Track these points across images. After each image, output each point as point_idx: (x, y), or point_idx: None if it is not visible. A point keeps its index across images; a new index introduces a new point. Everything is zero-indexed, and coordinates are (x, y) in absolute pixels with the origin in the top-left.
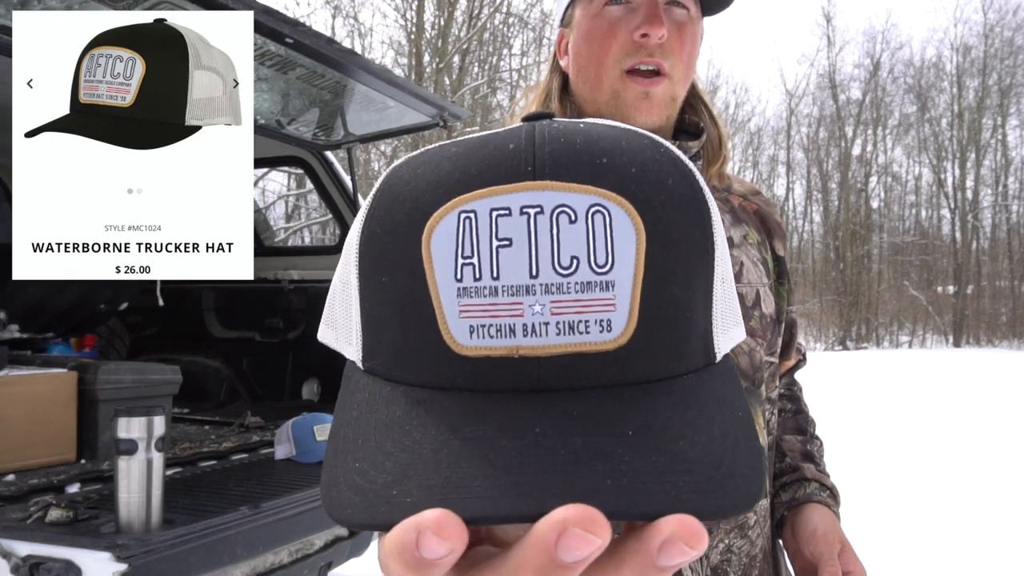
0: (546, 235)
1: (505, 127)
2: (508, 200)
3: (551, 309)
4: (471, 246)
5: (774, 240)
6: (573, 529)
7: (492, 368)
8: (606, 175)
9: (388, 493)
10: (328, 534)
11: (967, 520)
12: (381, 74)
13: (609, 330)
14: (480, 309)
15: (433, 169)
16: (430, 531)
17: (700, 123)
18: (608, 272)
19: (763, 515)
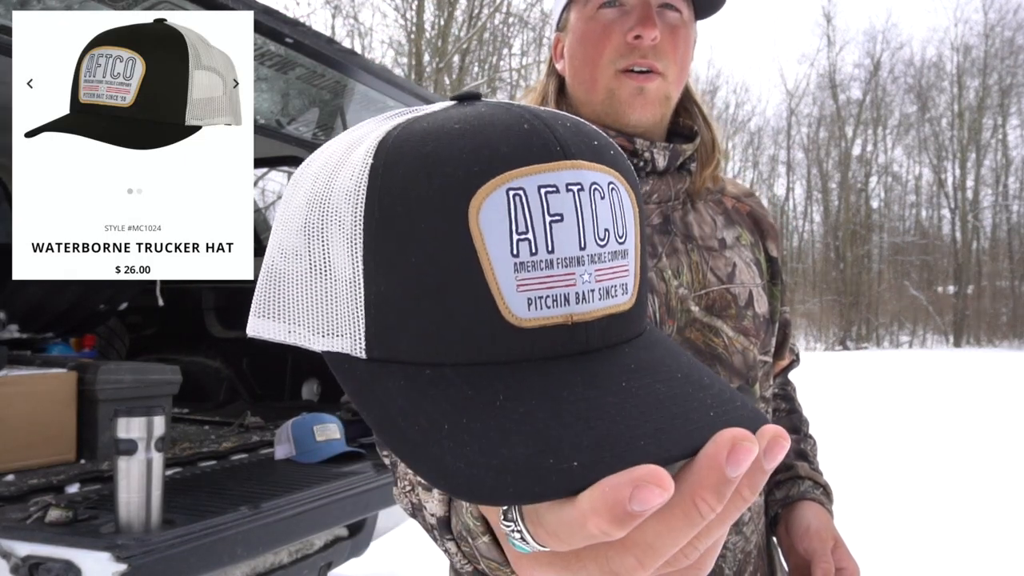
0: (588, 210)
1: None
2: (554, 178)
3: (596, 277)
4: (525, 222)
5: (767, 241)
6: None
7: (548, 336)
8: (604, 154)
9: (545, 462)
10: (328, 534)
11: (966, 520)
12: (381, 74)
13: (626, 293)
14: (537, 281)
15: (449, 146)
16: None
17: (694, 126)
18: (625, 241)
19: (757, 512)
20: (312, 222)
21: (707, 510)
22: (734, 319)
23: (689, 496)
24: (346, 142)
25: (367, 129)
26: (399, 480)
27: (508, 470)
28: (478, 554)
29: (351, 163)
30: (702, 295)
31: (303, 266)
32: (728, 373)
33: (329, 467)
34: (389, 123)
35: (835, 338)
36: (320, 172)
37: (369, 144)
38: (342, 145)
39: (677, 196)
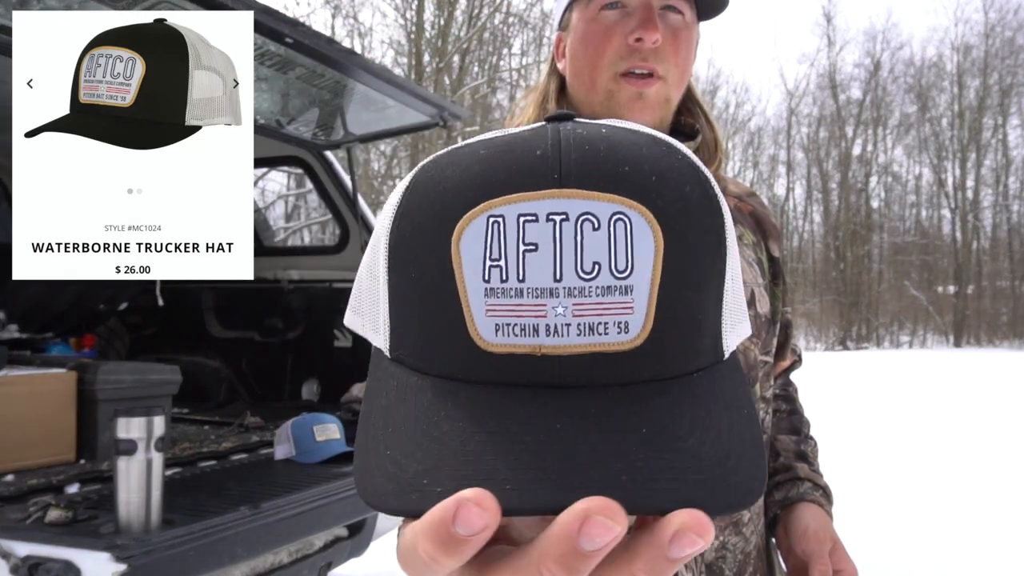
0: (571, 241)
1: (528, 127)
2: (535, 206)
3: (573, 311)
4: (499, 249)
5: (769, 241)
6: (595, 517)
7: (516, 364)
8: (628, 183)
9: (419, 482)
10: (328, 534)
11: (966, 520)
12: (381, 74)
13: (626, 331)
14: (506, 309)
15: (462, 171)
16: (471, 503)
17: (695, 125)
18: (627, 277)
19: (757, 513)
20: (375, 234)
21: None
22: None
23: (536, 563)
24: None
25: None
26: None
27: (391, 479)
28: None
29: (403, 183)
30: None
31: (367, 272)
32: None
33: (329, 467)
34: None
35: (835, 338)
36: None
37: (418, 167)
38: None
39: None
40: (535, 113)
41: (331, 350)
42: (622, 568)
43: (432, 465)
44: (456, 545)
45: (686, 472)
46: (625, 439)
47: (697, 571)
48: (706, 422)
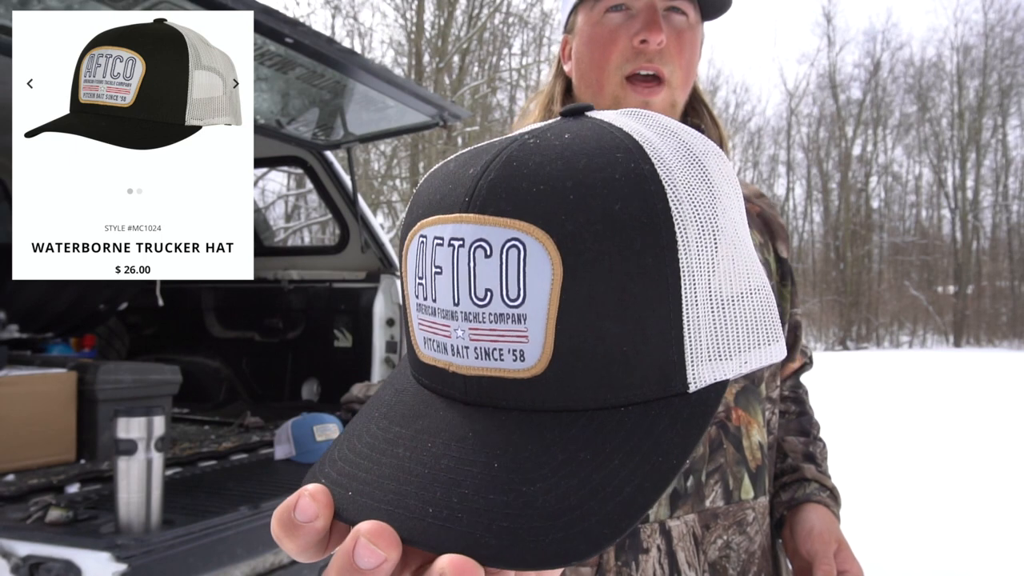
0: (465, 267)
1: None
2: (443, 230)
3: (470, 335)
4: (421, 268)
5: (777, 242)
6: (362, 539)
7: (437, 375)
8: (534, 207)
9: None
10: None
11: (967, 520)
12: (381, 74)
13: (523, 360)
14: (427, 325)
15: (425, 187)
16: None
17: (701, 126)
18: (520, 306)
19: (762, 512)
20: None
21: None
22: None
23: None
24: None
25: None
26: None
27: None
28: None
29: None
30: None
31: None
32: None
33: None
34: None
35: (835, 338)
36: None
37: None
38: None
39: None
40: (541, 115)
41: (331, 350)
42: None
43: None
44: (294, 530)
45: (494, 518)
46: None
47: (701, 570)
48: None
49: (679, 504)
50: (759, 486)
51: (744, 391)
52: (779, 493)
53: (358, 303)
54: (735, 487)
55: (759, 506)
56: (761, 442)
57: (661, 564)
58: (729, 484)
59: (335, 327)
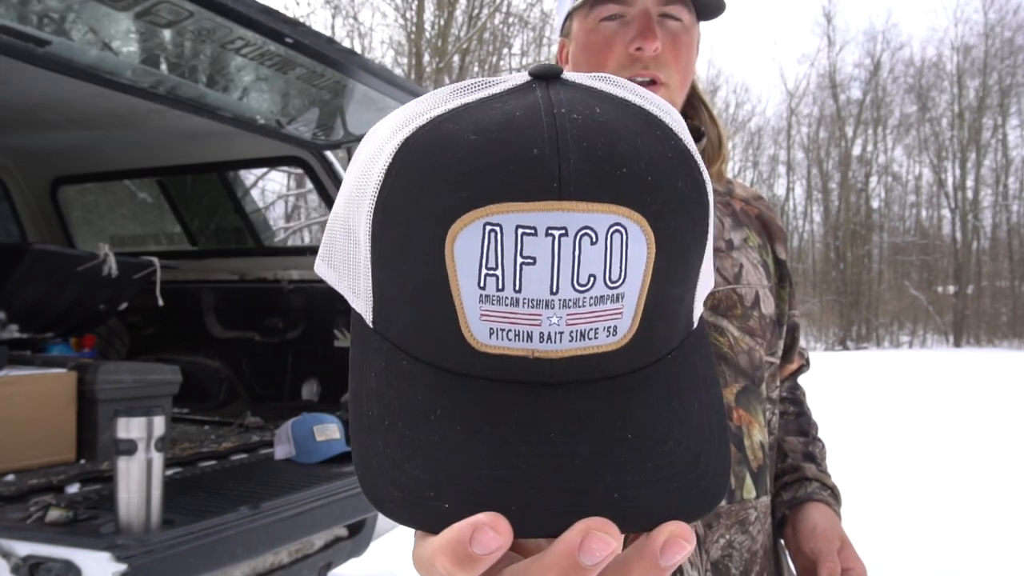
0: (568, 256)
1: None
2: (534, 219)
3: (567, 321)
4: (495, 259)
5: (775, 244)
6: (596, 533)
7: (508, 364)
8: (626, 189)
9: (426, 494)
10: (328, 534)
11: (967, 520)
12: (381, 74)
13: (615, 334)
14: (500, 316)
15: (453, 162)
16: (487, 527)
17: (701, 127)
18: (620, 286)
19: (763, 512)
20: (354, 193)
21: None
22: (740, 319)
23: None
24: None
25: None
26: None
27: (398, 487)
28: None
29: (384, 151)
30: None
31: (340, 227)
32: (734, 372)
33: (329, 467)
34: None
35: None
36: (371, 147)
37: (400, 138)
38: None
39: None
40: None
41: (331, 350)
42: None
43: (432, 475)
44: (472, 563)
45: (668, 483)
46: (612, 449)
47: (703, 570)
48: (682, 418)
49: None
50: (761, 485)
51: (744, 391)
52: (780, 493)
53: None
54: (737, 486)
55: (761, 505)
56: (762, 442)
57: None
58: (731, 483)
59: (335, 327)
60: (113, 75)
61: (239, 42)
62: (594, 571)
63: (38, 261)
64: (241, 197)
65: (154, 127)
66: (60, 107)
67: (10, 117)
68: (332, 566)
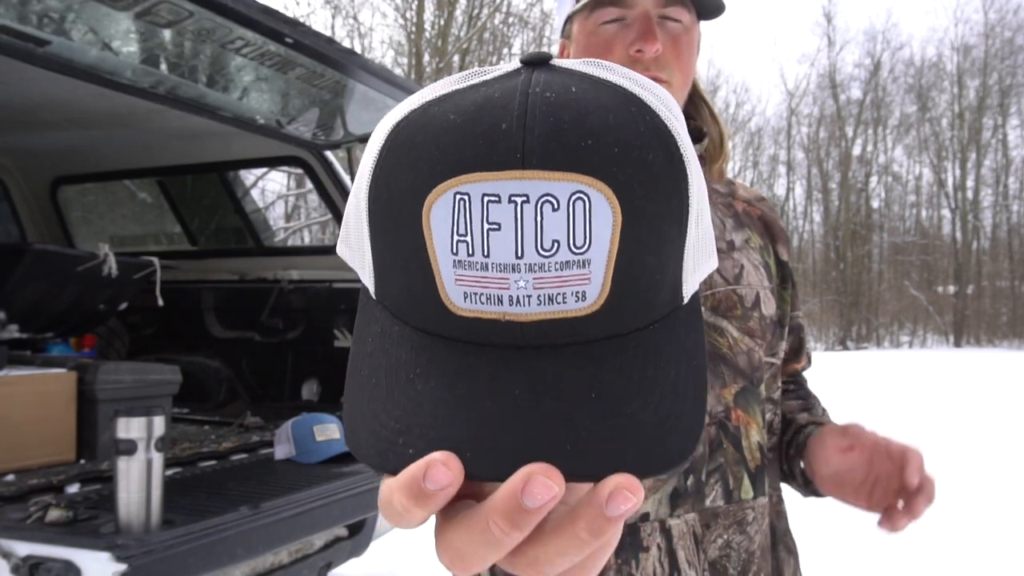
0: (531, 222)
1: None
2: (497, 187)
3: (534, 284)
4: (465, 225)
5: (777, 245)
6: (538, 477)
7: (482, 326)
8: (589, 159)
9: (396, 441)
10: (328, 534)
11: (967, 519)
12: (381, 74)
13: (584, 299)
14: (472, 280)
15: (433, 140)
16: (439, 463)
17: (703, 127)
18: (585, 252)
19: (761, 512)
20: (360, 175)
21: (499, 532)
22: (739, 320)
23: (484, 515)
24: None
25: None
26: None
27: (374, 436)
28: None
29: (380, 136)
30: (708, 295)
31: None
32: (732, 373)
33: (329, 467)
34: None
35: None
36: (376, 132)
37: (392, 123)
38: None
39: None
40: None
41: (331, 350)
42: (566, 530)
43: (406, 426)
44: (426, 499)
45: (625, 439)
46: (574, 406)
47: (700, 569)
48: (653, 381)
49: (679, 503)
50: (759, 486)
51: (743, 391)
52: (787, 450)
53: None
54: (735, 487)
55: (758, 506)
56: (760, 442)
57: (661, 563)
58: (729, 483)
59: (335, 327)
60: (113, 75)
61: (239, 42)
62: (536, 515)
63: (38, 261)
64: (241, 197)
65: (154, 127)
66: (60, 107)
67: (10, 117)
68: (332, 566)
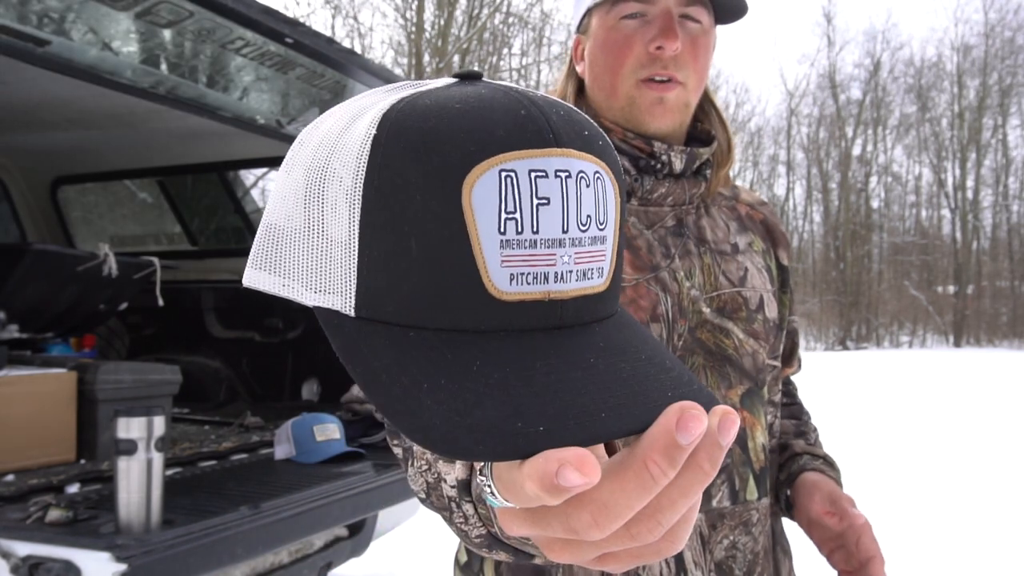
0: (573, 196)
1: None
2: (543, 163)
3: (575, 259)
4: (514, 202)
5: (779, 249)
6: (689, 411)
7: (525, 310)
8: (594, 145)
9: (513, 426)
10: (328, 534)
11: (967, 519)
12: (381, 74)
13: (601, 276)
14: (520, 259)
15: (452, 124)
16: (572, 466)
17: (712, 131)
18: (605, 228)
19: (764, 514)
20: (312, 186)
21: (657, 472)
22: (744, 321)
23: (640, 458)
24: (351, 111)
25: (372, 100)
26: (415, 460)
27: (480, 429)
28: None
29: (355, 132)
30: (713, 297)
31: (299, 225)
32: (738, 374)
33: (329, 467)
34: (394, 96)
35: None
36: (324, 139)
37: (373, 115)
38: (347, 114)
39: (692, 200)
40: None
41: (331, 350)
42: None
43: (514, 410)
44: (560, 491)
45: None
46: (641, 367)
47: (707, 569)
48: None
49: None
50: (762, 487)
51: (749, 393)
52: (778, 476)
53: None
54: (741, 487)
55: (762, 507)
56: (764, 444)
57: (667, 563)
58: (736, 484)
59: None
60: (113, 75)
61: (239, 42)
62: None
63: (38, 261)
64: (241, 197)
65: (154, 127)
66: (60, 107)
67: (10, 117)
68: (332, 566)
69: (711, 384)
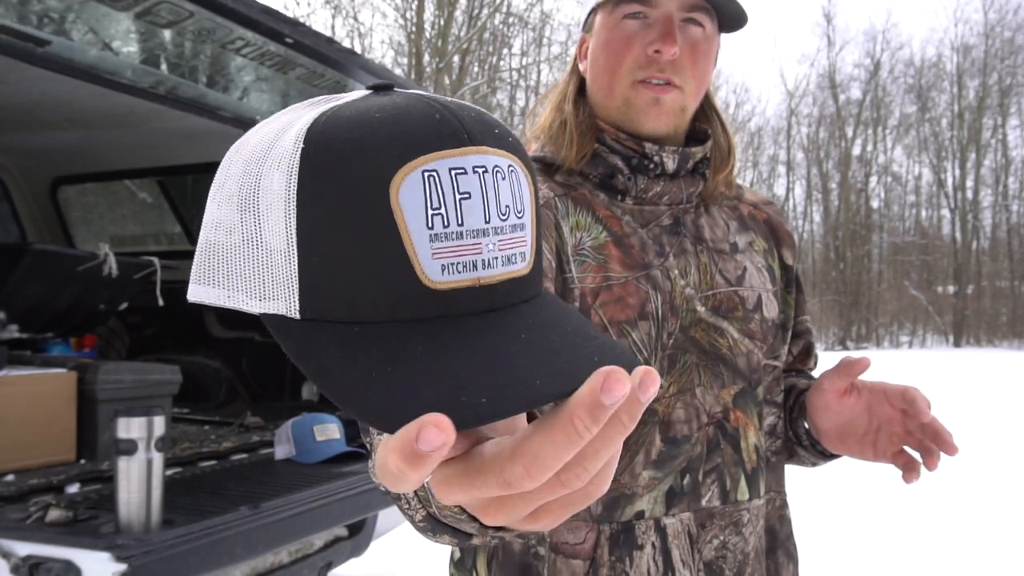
0: (491, 189)
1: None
2: (462, 161)
3: (499, 246)
4: (438, 198)
5: (783, 249)
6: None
7: (457, 297)
8: (505, 141)
9: (459, 399)
10: (328, 534)
11: (966, 519)
12: (381, 74)
13: (524, 260)
14: (449, 250)
15: (374, 131)
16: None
17: (709, 130)
18: (523, 217)
19: (756, 515)
20: (245, 199)
21: (582, 428)
22: (740, 321)
23: (568, 415)
24: (276, 127)
25: (295, 115)
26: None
27: (428, 406)
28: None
29: (282, 146)
30: (708, 296)
31: (237, 238)
32: (732, 374)
33: (329, 467)
34: (315, 110)
35: (835, 338)
36: (253, 154)
37: (299, 128)
38: (272, 129)
39: (690, 199)
40: (552, 112)
41: None
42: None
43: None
44: (422, 459)
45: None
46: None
47: (696, 569)
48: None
49: (675, 502)
50: (754, 488)
51: (742, 393)
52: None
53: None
54: (732, 487)
55: (754, 508)
56: (757, 444)
57: (655, 561)
58: (726, 484)
59: None
60: (113, 75)
61: (239, 42)
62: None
63: (38, 261)
64: None
65: (154, 127)
66: (60, 107)
67: (10, 117)
68: (332, 566)
69: (704, 383)
